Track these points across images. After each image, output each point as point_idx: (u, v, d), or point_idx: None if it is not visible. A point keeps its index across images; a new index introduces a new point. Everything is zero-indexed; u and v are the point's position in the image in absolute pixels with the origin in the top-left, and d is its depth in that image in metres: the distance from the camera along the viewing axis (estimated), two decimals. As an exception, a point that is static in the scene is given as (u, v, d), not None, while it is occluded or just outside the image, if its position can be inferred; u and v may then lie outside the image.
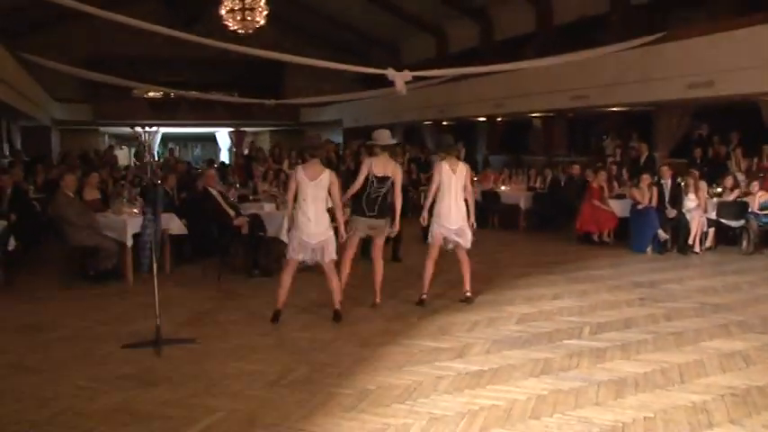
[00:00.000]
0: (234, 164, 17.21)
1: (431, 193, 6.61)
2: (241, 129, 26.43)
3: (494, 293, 7.10)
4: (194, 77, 25.55)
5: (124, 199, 8.45)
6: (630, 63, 12.97)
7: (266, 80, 26.24)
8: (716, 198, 10.09)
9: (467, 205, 6.60)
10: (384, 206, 6.35)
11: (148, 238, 5.22)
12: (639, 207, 9.76)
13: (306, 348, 5.26)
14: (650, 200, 9.71)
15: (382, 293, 6.59)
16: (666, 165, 10.48)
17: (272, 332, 5.77)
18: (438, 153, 7.28)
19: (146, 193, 8.23)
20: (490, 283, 7.52)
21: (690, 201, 9.67)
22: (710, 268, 8.69)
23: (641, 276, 8.03)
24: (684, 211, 9.58)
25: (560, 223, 11.77)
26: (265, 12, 16.27)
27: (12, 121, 19.20)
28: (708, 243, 9.79)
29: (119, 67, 21.58)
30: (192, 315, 6.30)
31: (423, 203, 6.87)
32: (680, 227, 9.56)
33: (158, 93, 24.84)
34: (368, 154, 7.66)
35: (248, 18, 16.16)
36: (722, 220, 9.78)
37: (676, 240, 9.62)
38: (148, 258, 5.27)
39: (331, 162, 14.88)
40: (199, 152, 32.22)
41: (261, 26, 16.48)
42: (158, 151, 25.18)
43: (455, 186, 6.50)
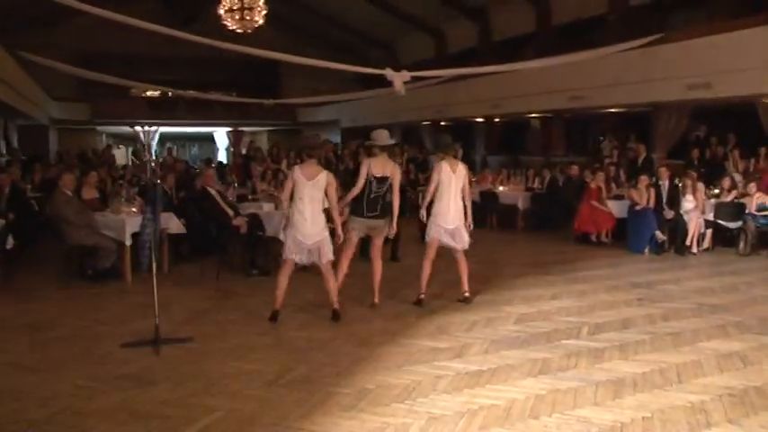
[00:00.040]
0: (232, 163, 17.20)
1: (429, 192, 6.62)
2: (239, 128, 26.43)
3: (492, 293, 7.11)
4: (192, 77, 25.52)
5: (122, 198, 8.44)
6: (629, 64, 13.00)
7: (264, 80, 26.25)
8: (713, 199, 10.11)
9: (464, 205, 6.62)
10: (383, 206, 6.35)
11: (148, 238, 5.22)
12: (637, 208, 9.78)
13: (304, 348, 5.26)
14: (648, 201, 9.73)
15: (381, 293, 6.59)
16: (664, 166, 10.50)
17: (271, 332, 5.77)
18: (436, 153, 7.28)
19: (144, 193, 8.21)
20: (488, 284, 7.53)
21: (687, 202, 9.69)
22: (708, 269, 8.71)
23: (639, 277, 8.05)
24: (682, 212, 9.60)
25: (558, 224, 11.77)
26: (264, 11, 16.29)
27: (9, 120, 19.15)
28: (705, 244, 9.81)
29: (117, 66, 21.57)
30: (191, 314, 6.30)
31: (420, 203, 6.88)
32: (677, 228, 9.58)
33: (156, 92, 24.82)
34: (366, 154, 7.67)
35: (247, 18, 16.18)
36: (719, 222, 9.79)
37: (674, 241, 9.64)
38: (148, 258, 5.27)
39: (330, 162, 14.92)
40: (196, 151, 32.19)
41: (259, 26, 16.49)
42: (156, 150, 25.10)
43: (454, 186, 6.52)
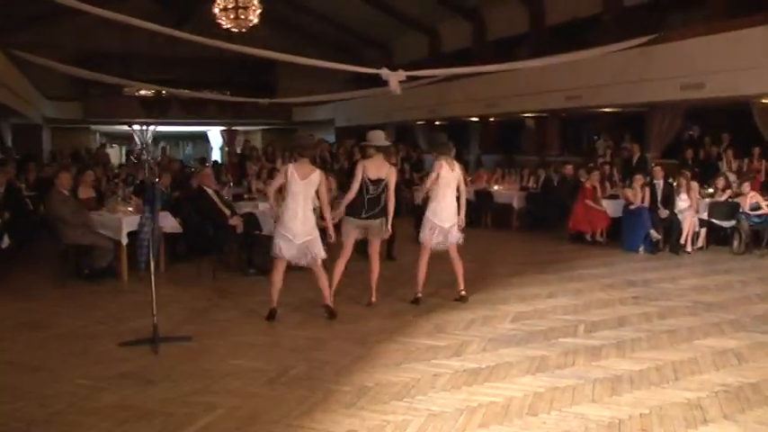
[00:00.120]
0: (227, 163, 17.18)
1: (425, 187, 6.64)
2: (233, 127, 26.37)
3: (488, 292, 7.14)
4: (186, 76, 25.44)
5: (119, 197, 8.43)
6: (623, 64, 13.05)
7: (259, 79, 26.20)
8: (707, 198, 10.19)
9: (458, 203, 6.67)
10: (378, 207, 6.34)
11: (146, 237, 5.22)
12: (632, 207, 9.83)
13: (303, 346, 5.28)
14: (643, 200, 9.79)
15: (378, 292, 6.60)
16: (659, 165, 10.56)
17: (269, 330, 5.78)
18: (431, 152, 7.31)
19: (141, 192, 8.20)
20: (484, 282, 7.56)
21: (682, 201, 9.75)
22: (702, 268, 8.77)
23: (634, 275, 8.10)
24: (676, 212, 9.66)
25: (553, 223, 11.81)
26: (259, 10, 16.24)
27: (3, 119, 19.06)
28: (699, 243, 9.88)
29: (110, 65, 21.51)
30: (188, 313, 6.30)
31: (418, 197, 6.89)
32: (672, 227, 9.64)
33: (150, 91, 24.73)
34: (361, 154, 7.68)
35: (242, 17, 16.13)
36: (714, 221, 9.87)
37: (668, 240, 9.71)
38: (146, 256, 5.27)
39: (325, 161, 14.94)
40: (190, 150, 32.13)
41: (254, 25, 16.45)
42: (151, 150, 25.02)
43: (452, 185, 6.57)
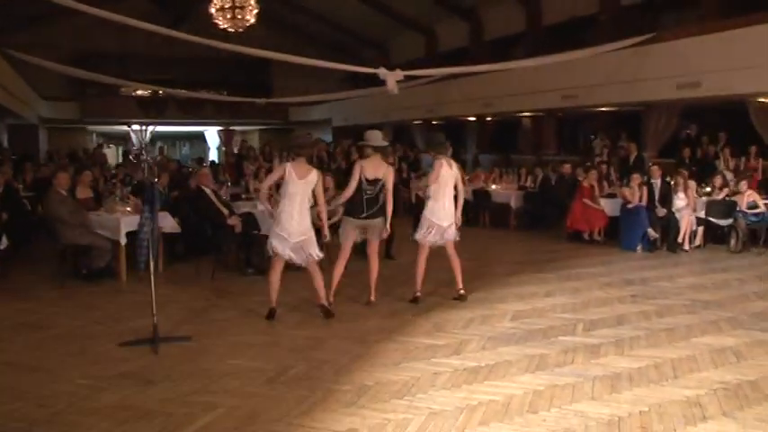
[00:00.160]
0: (225, 162, 17.18)
1: (428, 184, 6.67)
2: (230, 127, 26.35)
3: (486, 291, 7.15)
4: (183, 75, 25.39)
5: (117, 197, 8.41)
6: (619, 63, 13.09)
7: (256, 79, 26.17)
8: (705, 197, 10.22)
9: (455, 202, 6.69)
10: (377, 207, 6.34)
11: (146, 237, 5.22)
12: (630, 206, 9.85)
13: (302, 346, 5.28)
14: (640, 199, 9.81)
15: (376, 291, 6.60)
16: (656, 164, 10.59)
17: (268, 330, 5.78)
18: (429, 151, 7.31)
19: (139, 192, 8.20)
20: (482, 281, 7.57)
21: (679, 200, 9.77)
22: (700, 266, 8.80)
23: (632, 274, 8.12)
24: (674, 210, 9.68)
25: (551, 222, 11.84)
26: (255, 10, 16.25)
27: (-1, 120, 19.06)
28: (697, 241, 9.91)
29: (107, 65, 21.47)
30: (188, 313, 6.30)
31: (418, 195, 6.88)
32: (669, 225, 9.66)
33: (146, 91, 24.68)
34: (359, 154, 7.67)
35: (238, 16, 16.14)
36: (711, 219, 9.90)
37: (666, 239, 9.73)
38: (146, 257, 5.27)
39: (322, 161, 14.94)
40: (187, 150, 32.05)
41: (251, 25, 16.44)
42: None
43: (450, 184, 6.60)
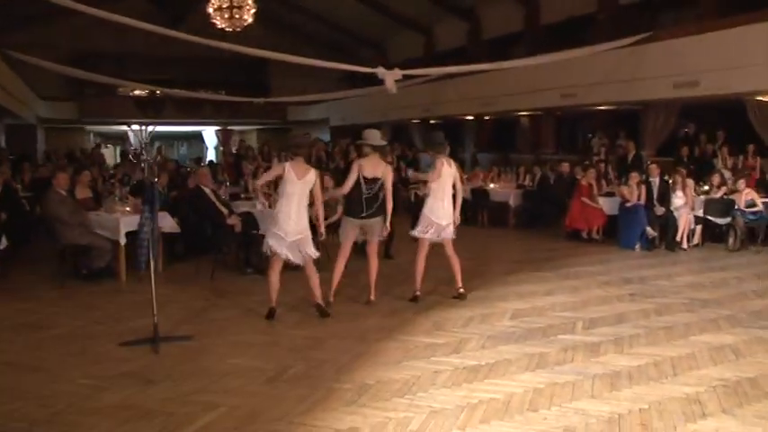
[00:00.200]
0: (223, 162, 17.17)
1: (429, 180, 6.68)
2: (228, 127, 26.33)
3: (485, 290, 7.16)
4: (181, 75, 25.36)
5: (116, 197, 8.41)
6: (618, 62, 13.10)
7: (254, 78, 26.15)
8: (703, 196, 10.25)
9: (454, 201, 6.71)
10: (376, 206, 6.34)
11: (146, 236, 5.22)
12: (628, 205, 9.87)
13: (302, 345, 5.29)
14: (639, 197, 9.83)
15: (376, 290, 6.61)
16: (654, 163, 10.61)
17: (268, 329, 5.79)
18: (428, 150, 7.32)
19: (138, 192, 8.20)
20: (482, 280, 7.59)
21: (677, 198, 9.78)
22: (698, 264, 8.82)
23: (631, 273, 8.14)
24: (672, 209, 9.70)
25: (549, 221, 11.85)
26: (253, 10, 16.23)
27: (-3, 119, 19.04)
28: (695, 240, 9.94)
29: (105, 65, 21.46)
30: (187, 313, 6.30)
31: (417, 194, 6.89)
32: (668, 224, 9.68)
33: (144, 91, 24.67)
34: (357, 153, 7.68)
35: (236, 16, 16.12)
36: (709, 218, 9.93)
37: (664, 237, 9.75)
38: (146, 256, 5.27)
39: (321, 160, 14.94)
40: (185, 150, 32.00)
41: (249, 24, 16.43)
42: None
43: (449, 182, 6.61)
